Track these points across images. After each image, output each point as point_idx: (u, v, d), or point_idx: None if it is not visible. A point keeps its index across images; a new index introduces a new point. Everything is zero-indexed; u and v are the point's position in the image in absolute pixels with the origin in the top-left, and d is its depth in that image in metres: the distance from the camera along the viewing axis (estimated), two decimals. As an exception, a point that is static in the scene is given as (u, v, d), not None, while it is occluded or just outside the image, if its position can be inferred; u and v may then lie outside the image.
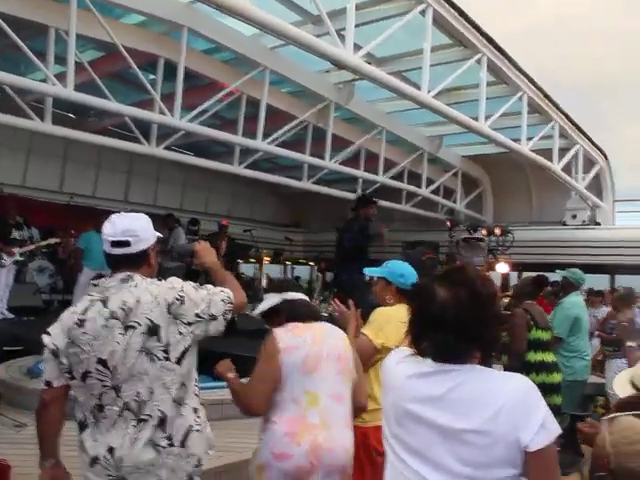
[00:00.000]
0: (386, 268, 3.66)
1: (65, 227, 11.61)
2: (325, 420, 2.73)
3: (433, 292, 1.78)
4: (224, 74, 9.82)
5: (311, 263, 18.06)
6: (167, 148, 10.23)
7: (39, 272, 11.14)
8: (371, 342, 3.35)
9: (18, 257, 9.42)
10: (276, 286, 3.13)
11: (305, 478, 2.64)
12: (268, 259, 16.31)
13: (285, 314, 2.90)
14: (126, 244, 2.30)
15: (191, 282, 2.39)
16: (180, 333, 2.24)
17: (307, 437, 2.66)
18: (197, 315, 2.28)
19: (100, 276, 8.29)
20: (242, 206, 17.65)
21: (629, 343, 5.15)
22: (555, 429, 1.68)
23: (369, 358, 3.34)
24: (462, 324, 1.72)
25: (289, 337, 2.77)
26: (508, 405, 1.66)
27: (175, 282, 2.33)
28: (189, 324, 2.27)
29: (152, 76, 9.09)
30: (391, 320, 3.35)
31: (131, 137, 9.94)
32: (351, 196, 13.59)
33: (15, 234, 9.54)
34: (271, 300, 2.95)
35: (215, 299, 2.35)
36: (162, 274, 2.51)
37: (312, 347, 2.77)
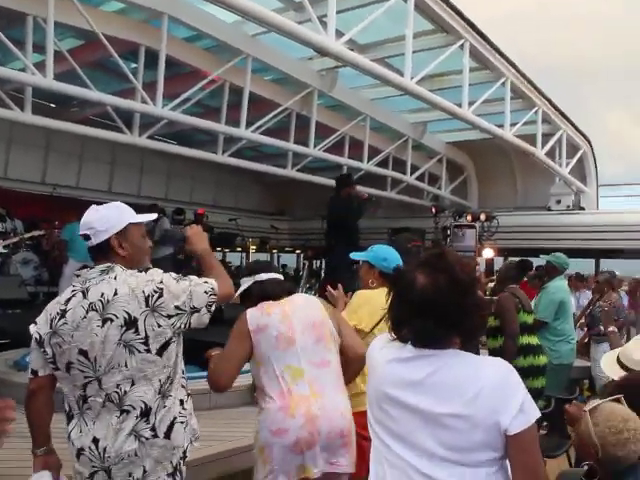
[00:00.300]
0: (370, 252, 3.69)
1: (49, 218, 11.54)
2: (315, 389, 2.77)
3: (413, 278, 1.78)
4: (206, 62, 9.75)
5: (297, 251, 18.08)
6: (150, 137, 10.14)
7: (23, 264, 11.04)
8: None
9: (1, 249, 9.34)
10: (248, 269, 3.14)
11: (306, 449, 2.67)
12: (254, 247, 16.30)
13: (256, 295, 2.93)
14: (87, 237, 2.34)
15: (173, 273, 2.38)
16: (159, 325, 2.24)
17: (300, 409, 2.70)
18: (177, 307, 2.28)
19: (85, 267, 8.26)
20: (227, 195, 17.61)
21: (610, 328, 5.20)
22: (534, 412, 1.69)
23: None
24: (441, 310, 1.72)
25: (259, 316, 2.81)
26: (487, 389, 1.68)
27: (155, 274, 2.33)
28: (169, 317, 2.26)
29: (133, 65, 9.01)
30: (369, 302, 3.41)
31: (114, 127, 9.86)
32: (334, 183, 13.60)
33: (-2, 226, 9.48)
34: (244, 284, 2.98)
35: (197, 290, 2.34)
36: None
37: (282, 323, 2.81)
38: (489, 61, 10.33)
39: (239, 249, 16.20)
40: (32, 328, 2.34)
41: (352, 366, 2.97)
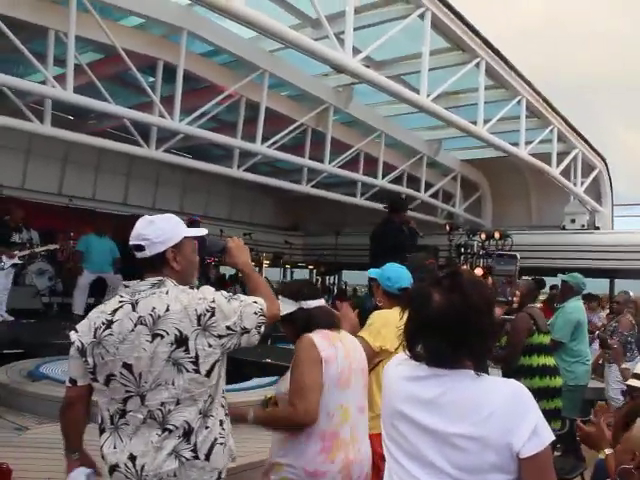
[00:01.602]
0: (380, 270, 3.69)
1: (64, 229, 11.62)
2: (354, 434, 2.73)
3: (428, 297, 1.78)
4: (223, 77, 9.82)
5: (310, 266, 18.07)
6: (166, 151, 10.22)
7: (38, 275, 11.13)
8: (369, 345, 3.34)
9: (17, 260, 9.41)
10: (291, 290, 2.93)
11: None
12: (267, 262, 16.30)
13: (303, 324, 2.80)
14: (141, 248, 2.29)
15: (224, 292, 2.33)
16: (210, 345, 2.19)
17: (340, 454, 2.65)
18: (228, 328, 2.22)
19: (100, 279, 8.31)
20: (241, 209, 17.66)
21: (623, 365, 5.19)
22: (548, 435, 1.67)
23: (368, 362, 3.33)
24: (455, 330, 1.71)
25: (327, 345, 2.70)
26: (499, 410, 1.66)
27: (207, 292, 2.27)
28: (219, 337, 2.21)
29: (151, 79, 9.09)
30: (388, 323, 3.33)
31: (130, 140, 9.95)
32: (349, 200, 13.63)
33: (15, 237, 9.56)
34: (286, 306, 2.79)
35: (247, 311, 2.28)
36: None
37: (345, 360, 2.73)
38: (505, 79, 10.32)
39: (252, 263, 16.18)
40: (73, 335, 2.28)
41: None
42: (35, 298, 10.55)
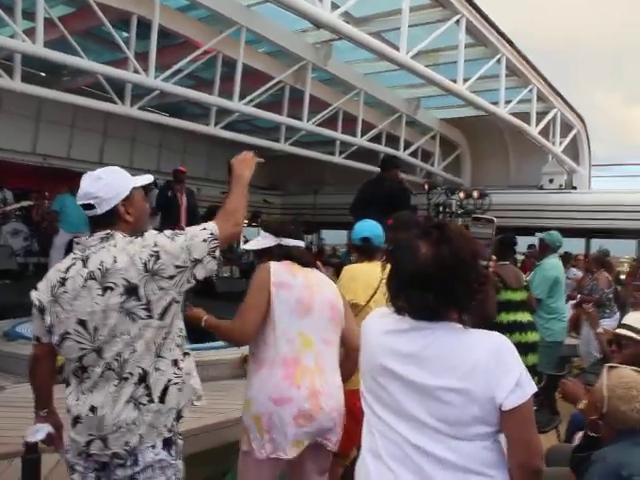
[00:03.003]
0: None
1: (39, 189, 11.46)
2: (319, 364, 2.74)
3: (414, 248, 1.75)
4: (199, 32, 9.59)
5: (298, 226, 18.00)
6: (142, 108, 10.04)
7: (13, 235, 11.00)
8: None
9: (-9, 220, 9.28)
10: (274, 228, 2.97)
11: (305, 423, 2.64)
12: (246, 222, 16.24)
13: (276, 258, 2.84)
14: (91, 207, 2.26)
15: (167, 231, 2.29)
16: (161, 288, 2.17)
17: (305, 380, 2.66)
18: (177, 267, 2.19)
19: (75, 238, 8.15)
20: (219, 168, 17.41)
21: (598, 330, 5.27)
22: (530, 388, 1.69)
23: None
24: (443, 282, 1.70)
25: (283, 272, 2.74)
26: (483, 363, 1.66)
27: (148, 237, 2.24)
28: (171, 277, 2.18)
29: (125, 34, 8.86)
30: (356, 277, 3.44)
31: (105, 97, 9.74)
32: (328, 158, 13.56)
33: (-11, 197, 9.40)
34: (265, 241, 2.88)
35: (195, 242, 2.22)
36: None
37: (304, 289, 2.76)
38: (485, 37, 10.23)
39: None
40: (33, 294, 2.29)
41: (351, 358, 2.89)
42: (10, 258, 10.40)
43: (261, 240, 2.90)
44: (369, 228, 3.71)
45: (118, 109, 9.63)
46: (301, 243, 2.99)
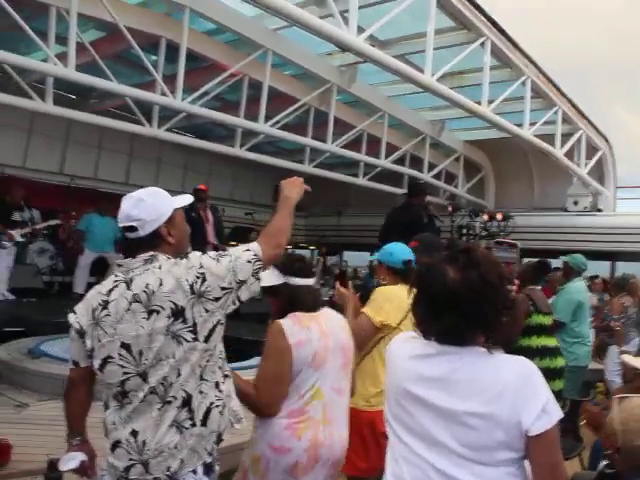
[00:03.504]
0: (381, 249, 3.71)
1: (66, 209, 11.61)
2: (327, 415, 2.68)
3: (443, 272, 1.74)
4: (226, 56, 9.74)
5: (312, 247, 18.07)
6: (168, 130, 10.19)
7: (40, 254, 11.12)
8: (370, 320, 3.35)
9: (19, 239, 9.40)
10: (283, 263, 2.80)
11: (301, 473, 2.60)
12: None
13: (284, 298, 2.77)
14: (134, 229, 2.22)
15: (212, 252, 2.27)
16: (207, 310, 2.14)
17: (308, 432, 2.61)
18: (223, 288, 2.16)
19: (101, 258, 8.27)
20: (243, 189, 17.59)
21: (623, 347, 5.21)
22: (557, 413, 1.67)
23: (370, 337, 3.34)
24: (472, 306, 1.69)
25: (297, 330, 2.65)
26: (510, 388, 1.65)
27: (193, 259, 2.21)
28: (216, 299, 2.15)
29: (154, 57, 9.02)
30: (391, 299, 3.36)
31: (132, 119, 9.90)
32: (352, 180, 13.60)
33: (16, 215, 9.53)
34: (272, 278, 2.76)
35: (240, 263, 2.20)
36: None
37: (320, 341, 2.69)
38: (510, 59, 10.23)
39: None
40: (72, 317, 2.25)
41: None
42: (36, 277, 10.54)
43: (267, 276, 2.69)
44: (407, 250, 3.66)
45: (145, 131, 9.78)
46: (309, 281, 2.87)
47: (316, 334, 2.68)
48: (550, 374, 4.99)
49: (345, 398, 2.81)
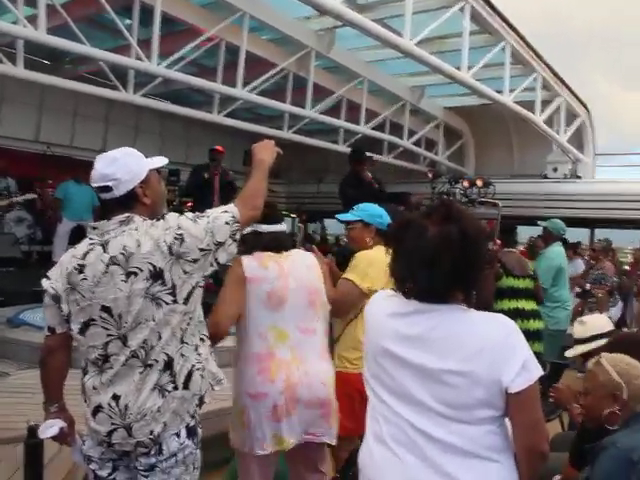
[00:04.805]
0: (361, 211, 3.63)
1: (42, 177, 11.45)
2: (297, 355, 2.70)
3: (423, 228, 1.71)
4: (202, 19, 9.54)
5: (292, 215, 18.03)
6: (145, 95, 10.01)
7: (17, 223, 11.02)
8: (357, 287, 3.31)
9: (-4, 210, 9.28)
10: None
11: (284, 417, 2.61)
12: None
13: (251, 247, 2.79)
14: (108, 189, 2.18)
15: (189, 214, 2.25)
16: (185, 272, 2.13)
17: (281, 374, 2.62)
18: (202, 250, 2.15)
19: (79, 226, 8.15)
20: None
21: (605, 314, 5.28)
22: (537, 371, 1.67)
23: (356, 303, 3.28)
24: (452, 261, 1.66)
25: (255, 266, 2.69)
26: (489, 346, 1.64)
27: (171, 220, 2.18)
28: (194, 261, 2.14)
29: (128, 21, 8.82)
30: (374, 263, 3.29)
31: (108, 84, 9.72)
32: (331, 146, 13.53)
33: (-9, 185, 9.40)
34: None
35: (218, 224, 2.19)
36: None
37: (277, 280, 2.71)
38: (489, 24, 10.15)
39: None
40: (45, 282, 2.21)
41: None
42: (14, 246, 10.42)
43: None
44: (387, 214, 3.63)
45: (121, 96, 9.64)
46: (280, 227, 2.92)
47: (273, 273, 2.71)
48: (526, 336, 5.03)
49: (317, 338, 2.82)
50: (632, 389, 2.37)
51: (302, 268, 2.86)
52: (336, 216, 3.78)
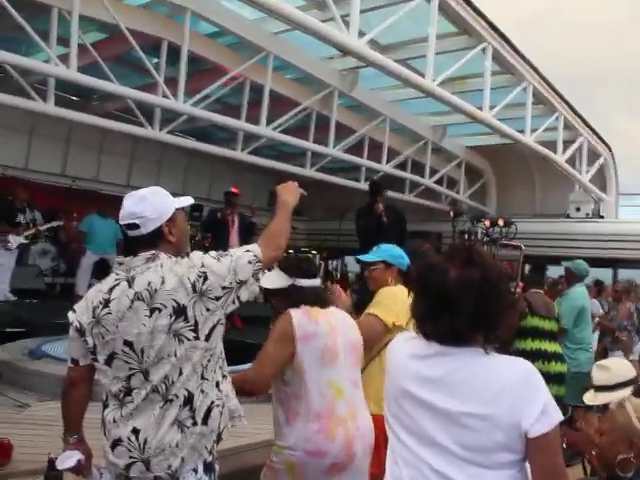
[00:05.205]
0: (382, 252, 3.64)
1: (67, 210, 11.61)
2: (351, 410, 2.72)
3: (444, 271, 1.72)
4: (228, 59, 9.77)
5: (313, 252, 18.05)
6: (170, 132, 10.20)
7: (41, 255, 11.17)
8: (382, 321, 3.30)
9: (22, 240, 9.41)
10: (289, 265, 2.85)
11: (340, 472, 2.63)
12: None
13: (294, 301, 2.78)
14: (135, 227, 2.23)
15: (212, 252, 2.28)
16: (207, 309, 2.16)
17: (340, 431, 2.63)
18: (224, 288, 2.18)
19: (102, 260, 8.21)
20: (244, 193, 17.55)
21: (631, 357, 5.18)
22: (557, 415, 1.64)
23: (381, 338, 3.27)
24: (474, 305, 1.67)
25: (306, 322, 2.68)
26: (508, 389, 1.63)
27: (195, 258, 2.23)
28: (217, 298, 2.17)
29: (155, 60, 9.05)
30: (397, 300, 3.29)
31: (134, 121, 9.92)
32: (353, 184, 13.59)
33: (19, 217, 9.55)
34: (279, 280, 2.79)
35: (241, 263, 2.22)
36: None
37: (329, 336, 2.72)
38: (511, 65, 10.26)
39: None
40: (71, 316, 2.24)
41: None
42: (38, 278, 10.55)
43: (275, 278, 2.78)
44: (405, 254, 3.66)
45: (146, 133, 9.81)
46: (317, 282, 2.92)
47: (325, 328, 2.71)
48: (546, 379, 4.96)
49: (361, 390, 2.84)
50: None
51: (346, 325, 2.88)
52: (356, 257, 3.81)
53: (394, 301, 3.35)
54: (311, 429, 2.62)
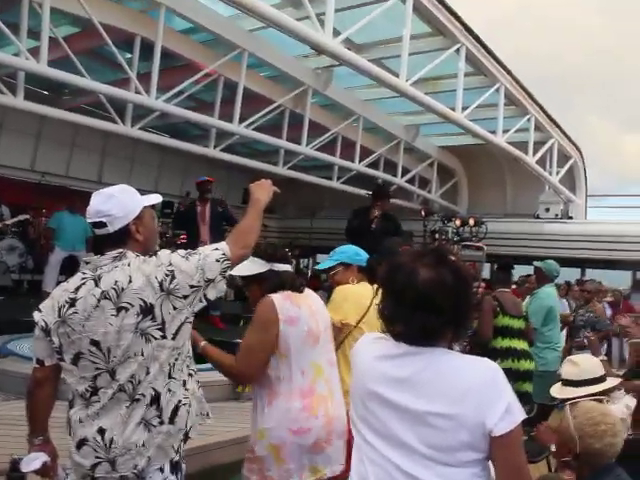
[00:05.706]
0: (339, 254, 3.81)
1: (36, 206, 11.45)
2: (330, 388, 2.80)
3: (414, 272, 1.73)
4: (201, 55, 9.69)
5: (285, 249, 18.01)
6: (142, 129, 10.09)
7: (9, 251, 10.97)
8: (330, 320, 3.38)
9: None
10: (264, 252, 2.86)
11: (322, 449, 2.68)
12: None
13: (273, 285, 2.81)
14: (102, 225, 2.22)
15: (181, 251, 2.28)
16: (175, 308, 2.16)
17: (321, 409, 2.70)
18: (192, 286, 2.18)
19: (71, 256, 8.12)
20: (217, 190, 17.46)
21: (600, 358, 5.27)
22: (520, 414, 1.67)
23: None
24: (443, 305, 1.68)
25: (288, 306, 2.73)
26: (475, 390, 1.65)
27: (163, 257, 2.22)
28: (185, 297, 2.17)
29: (128, 55, 8.94)
30: (348, 297, 3.50)
31: (106, 116, 9.79)
32: (326, 183, 13.60)
33: (-14, 212, 9.40)
34: (256, 266, 2.81)
35: (208, 262, 2.22)
36: None
37: (311, 319, 2.78)
38: (484, 66, 10.36)
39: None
40: (37, 315, 2.23)
41: None
42: (5, 275, 10.39)
43: (251, 265, 2.76)
44: (362, 250, 3.83)
45: (118, 129, 9.70)
46: (289, 267, 3.00)
47: (306, 312, 2.78)
48: (514, 376, 5.05)
49: (336, 368, 2.93)
50: (583, 446, 2.35)
51: (319, 304, 2.97)
52: (315, 267, 3.97)
53: (344, 299, 3.53)
54: (295, 407, 2.66)
